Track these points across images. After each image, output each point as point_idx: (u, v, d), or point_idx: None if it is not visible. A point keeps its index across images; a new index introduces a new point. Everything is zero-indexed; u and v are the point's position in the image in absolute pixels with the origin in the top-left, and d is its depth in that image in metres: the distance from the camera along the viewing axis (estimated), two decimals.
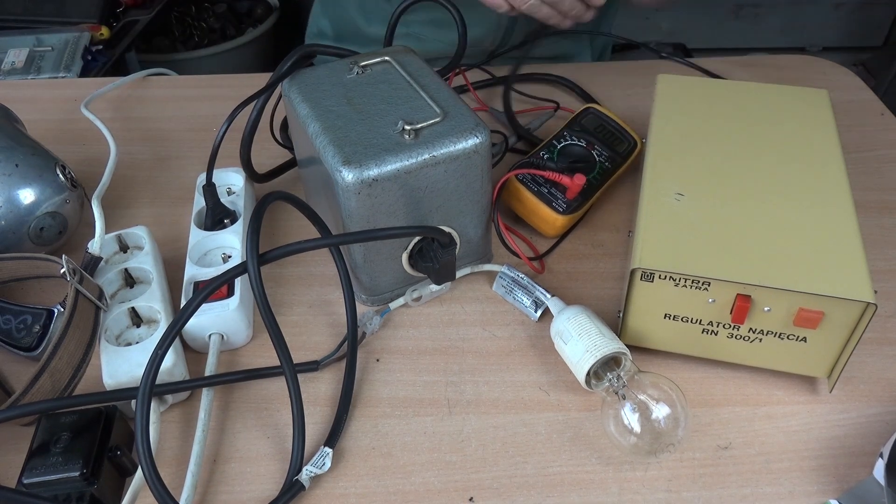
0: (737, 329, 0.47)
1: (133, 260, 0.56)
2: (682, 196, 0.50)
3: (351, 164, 0.48)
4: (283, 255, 0.47)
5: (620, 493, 0.45)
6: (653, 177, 0.52)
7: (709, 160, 0.53)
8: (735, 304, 0.45)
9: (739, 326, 0.47)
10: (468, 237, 0.55)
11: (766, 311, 0.46)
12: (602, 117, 0.66)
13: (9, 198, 0.56)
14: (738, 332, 0.48)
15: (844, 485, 0.45)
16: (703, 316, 0.47)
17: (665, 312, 0.48)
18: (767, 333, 0.47)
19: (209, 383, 0.50)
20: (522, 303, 0.55)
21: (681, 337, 0.49)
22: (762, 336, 0.47)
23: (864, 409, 0.49)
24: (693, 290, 0.46)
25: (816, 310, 0.44)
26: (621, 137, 0.64)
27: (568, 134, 0.63)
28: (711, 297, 0.46)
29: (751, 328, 0.47)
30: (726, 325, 0.47)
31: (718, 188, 0.51)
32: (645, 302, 0.48)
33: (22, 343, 0.52)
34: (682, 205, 0.49)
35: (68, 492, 0.42)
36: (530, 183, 0.59)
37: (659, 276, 0.46)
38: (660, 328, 0.49)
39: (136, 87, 0.81)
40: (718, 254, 0.46)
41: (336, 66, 0.57)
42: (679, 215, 0.49)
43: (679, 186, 0.51)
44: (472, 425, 0.49)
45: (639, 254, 0.47)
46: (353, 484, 0.46)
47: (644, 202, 0.50)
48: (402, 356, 0.53)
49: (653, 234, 0.48)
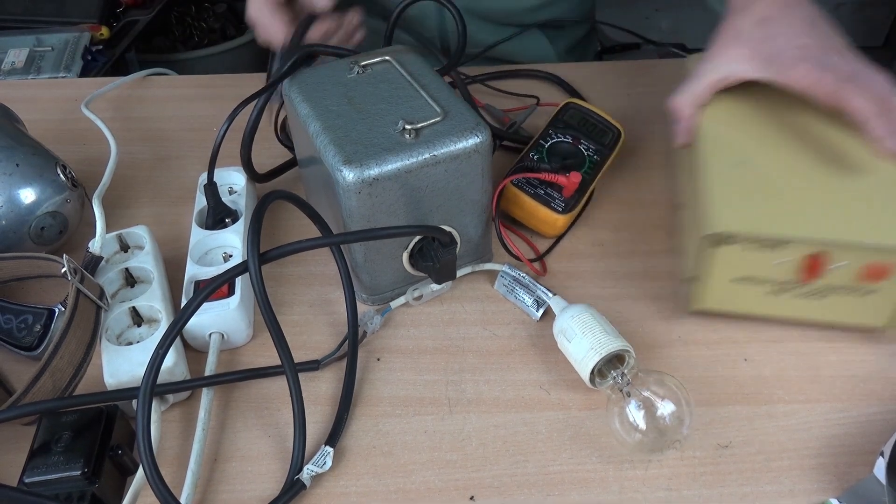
0: (804, 287, 0.48)
1: (134, 259, 0.56)
2: (743, 163, 0.51)
3: (351, 163, 0.48)
4: (284, 254, 0.47)
5: (621, 492, 0.45)
6: (712, 147, 0.53)
7: (761, 129, 0.54)
8: (807, 262, 0.46)
9: (807, 284, 0.48)
10: (468, 236, 0.55)
11: (835, 268, 0.46)
12: (583, 111, 0.66)
13: (9, 197, 0.56)
14: (805, 290, 0.48)
15: (845, 483, 0.45)
16: (773, 276, 0.48)
17: (735, 276, 0.49)
18: (836, 289, 0.48)
19: (210, 383, 0.50)
20: (524, 302, 0.55)
21: (748, 298, 0.50)
22: (828, 292, 0.48)
23: (865, 408, 0.49)
24: (765, 252, 0.47)
25: (886, 262, 0.45)
26: (605, 128, 0.65)
27: (553, 132, 0.64)
28: (783, 257, 0.47)
29: (820, 285, 0.48)
30: (795, 284, 0.48)
31: (776, 154, 0.52)
32: (716, 267, 0.48)
33: (23, 342, 0.52)
34: (745, 171, 0.50)
35: (69, 491, 0.42)
36: (526, 186, 0.59)
37: (732, 240, 0.47)
38: (728, 291, 0.50)
39: (136, 87, 0.81)
40: (789, 214, 0.47)
41: (336, 66, 0.57)
42: (744, 181, 0.50)
43: (738, 154, 0.52)
44: (472, 424, 0.49)
45: (712, 219, 0.47)
46: (353, 483, 0.46)
47: (707, 171, 0.51)
48: (402, 355, 0.53)
49: (723, 200, 0.49)
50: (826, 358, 0.52)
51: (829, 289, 0.48)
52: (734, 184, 0.50)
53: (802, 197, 0.49)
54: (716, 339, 0.54)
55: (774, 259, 0.47)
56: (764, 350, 0.53)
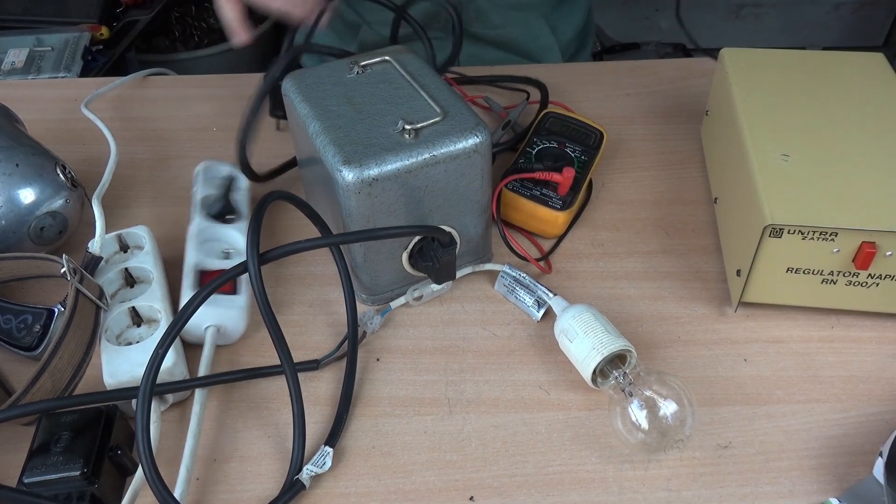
0: (857, 276, 0.49)
1: (133, 259, 0.56)
2: (788, 157, 0.51)
3: (351, 163, 0.48)
4: (284, 254, 0.47)
5: (620, 492, 0.45)
6: (755, 142, 0.54)
7: (800, 121, 0.55)
8: (860, 251, 0.47)
9: (860, 273, 0.49)
10: (468, 236, 0.55)
11: (889, 256, 0.47)
12: (562, 118, 0.66)
13: (9, 197, 0.56)
14: (857, 280, 0.49)
15: (844, 484, 0.45)
16: (826, 266, 0.49)
17: (789, 266, 0.50)
18: (886, 277, 0.49)
19: (209, 382, 0.50)
20: (524, 302, 0.55)
21: (800, 289, 0.51)
22: (880, 280, 0.49)
23: (864, 409, 0.49)
24: (819, 242, 0.48)
25: None
26: (586, 132, 0.65)
27: (537, 140, 0.64)
28: (836, 246, 0.48)
29: (870, 274, 0.49)
30: (847, 273, 0.49)
31: (819, 146, 0.53)
32: (771, 258, 0.49)
33: (22, 343, 0.52)
34: (791, 164, 0.51)
35: (69, 491, 0.42)
36: (521, 189, 0.59)
37: (788, 231, 0.47)
38: (781, 282, 0.51)
39: (136, 87, 0.81)
40: (842, 204, 0.48)
41: (336, 66, 0.57)
42: (792, 174, 0.51)
43: (782, 148, 0.52)
44: (472, 424, 0.49)
45: (768, 211, 0.48)
46: (353, 483, 0.46)
47: (754, 165, 0.52)
48: (402, 355, 0.53)
49: (775, 192, 0.49)
50: (825, 358, 0.52)
51: (880, 278, 0.49)
52: (783, 175, 0.51)
53: (851, 186, 0.49)
54: (715, 339, 0.54)
55: (833, 248, 0.48)
56: (764, 350, 0.53)
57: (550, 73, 0.79)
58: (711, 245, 0.61)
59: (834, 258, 0.49)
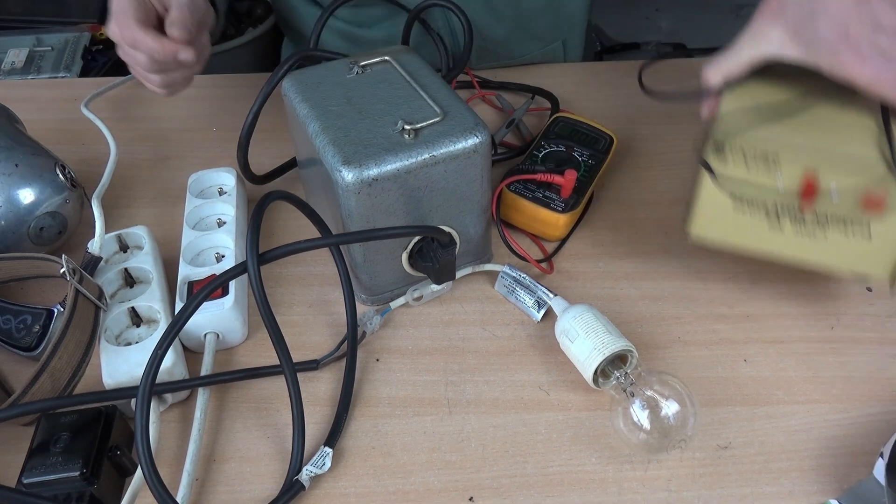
0: (801, 217, 0.48)
1: (133, 260, 0.56)
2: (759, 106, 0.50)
3: (351, 163, 0.48)
4: (283, 254, 0.47)
5: (620, 493, 0.45)
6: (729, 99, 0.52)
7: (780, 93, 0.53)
8: (803, 181, 0.46)
9: (804, 215, 0.48)
10: (468, 236, 0.55)
11: (834, 193, 0.46)
12: (572, 122, 0.66)
13: (9, 198, 0.56)
14: (802, 221, 0.48)
15: (844, 484, 0.45)
16: (769, 197, 0.48)
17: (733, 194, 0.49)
18: (832, 222, 0.48)
19: (209, 382, 0.50)
20: (525, 302, 0.55)
21: (747, 229, 0.50)
22: (826, 224, 0.48)
23: (864, 409, 0.49)
24: (763, 170, 0.47)
25: (880, 193, 0.45)
26: (596, 136, 0.65)
27: (545, 143, 0.64)
28: (780, 173, 0.47)
29: (816, 216, 0.48)
30: (793, 211, 0.48)
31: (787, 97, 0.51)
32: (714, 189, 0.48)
33: (22, 343, 0.52)
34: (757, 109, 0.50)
35: (68, 491, 0.42)
36: (524, 191, 0.59)
37: (731, 150, 0.47)
38: (727, 218, 0.50)
39: (137, 87, 0.81)
40: (789, 128, 0.47)
41: (336, 66, 0.57)
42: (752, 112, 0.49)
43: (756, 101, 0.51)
44: (472, 425, 0.49)
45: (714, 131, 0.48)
46: (353, 484, 0.46)
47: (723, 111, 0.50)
48: (402, 356, 0.53)
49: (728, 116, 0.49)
50: (825, 359, 0.52)
51: (828, 220, 0.48)
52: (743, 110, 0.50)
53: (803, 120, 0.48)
54: (715, 339, 0.54)
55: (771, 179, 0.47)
56: (763, 351, 0.53)
57: (551, 73, 0.79)
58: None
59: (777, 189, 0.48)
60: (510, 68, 0.82)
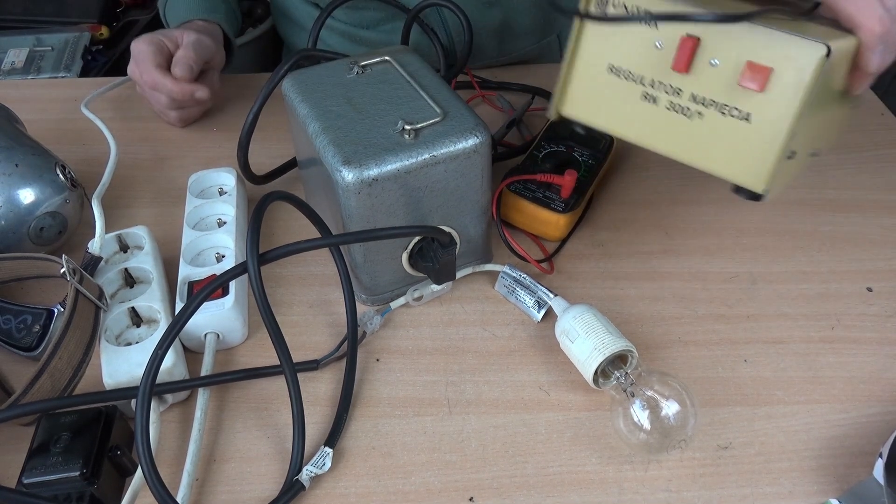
0: (678, 95, 0.45)
1: (133, 260, 0.56)
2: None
3: (351, 163, 0.48)
4: (283, 254, 0.47)
5: (620, 493, 0.45)
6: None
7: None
8: (681, 48, 0.43)
9: (681, 92, 0.45)
10: (468, 237, 0.55)
11: (713, 66, 0.43)
12: (573, 123, 0.66)
13: (9, 198, 0.56)
14: (679, 101, 0.45)
15: (844, 484, 0.45)
16: (647, 67, 0.45)
17: (610, 64, 0.46)
18: (710, 105, 0.44)
19: (209, 382, 0.50)
20: (525, 303, 0.55)
21: (617, 103, 0.47)
22: (703, 108, 0.44)
23: (864, 409, 0.49)
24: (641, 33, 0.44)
25: (765, 65, 0.41)
26: (596, 136, 0.65)
27: (545, 143, 0.64)
28: (659, 37, 0.44)
29: (693, 94, 0.44)
30: (669, 88, 0.45)
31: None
32: (591, 50, 0.46)
33: (22, 343, 0.52)
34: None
35: (68, 492, 0.42)
36: (524, 192, 0.59)
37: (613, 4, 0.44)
38: (597, 90, 0.47)
39: (136, 87, 0.81)
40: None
41: (336, 66, 0.57)
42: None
43: None
44: (472, 425, 0.49)
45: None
46: (353, 484, 0.46)
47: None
48: (402, 356, 0.53)
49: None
50: (825, 359, 0.52)
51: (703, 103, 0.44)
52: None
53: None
54: (715, 339, 0.54)
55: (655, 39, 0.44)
56: (763, 351, 0.53)
57: (551, 73, 0.79)
58: (712, 245, 0.61)
59: (656, 57, 0.44)
60: (510, 68, 0.82)
